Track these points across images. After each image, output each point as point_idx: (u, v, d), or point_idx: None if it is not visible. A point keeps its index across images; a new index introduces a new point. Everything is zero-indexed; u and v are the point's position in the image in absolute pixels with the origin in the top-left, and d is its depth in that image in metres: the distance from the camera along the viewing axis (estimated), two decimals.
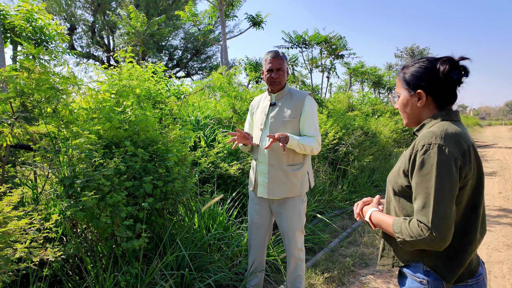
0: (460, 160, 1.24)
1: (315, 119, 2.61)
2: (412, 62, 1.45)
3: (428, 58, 1.42)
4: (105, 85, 3.58)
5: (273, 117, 2.62)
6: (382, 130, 9.13)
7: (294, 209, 2.63)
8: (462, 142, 1.26)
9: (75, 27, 22.77)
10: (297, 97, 2.61)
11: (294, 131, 2.58)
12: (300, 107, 2.58)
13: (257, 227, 2.80)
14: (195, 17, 11.80)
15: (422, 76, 1.39)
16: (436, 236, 1.20)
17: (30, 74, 2.74)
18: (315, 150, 2.56)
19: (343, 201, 5.84)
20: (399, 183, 1.38)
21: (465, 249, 1.29)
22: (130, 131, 2.85)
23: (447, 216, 1.21)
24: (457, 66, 1.35)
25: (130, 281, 2.47)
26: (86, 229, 2.77)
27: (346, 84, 19.44)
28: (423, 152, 1.27)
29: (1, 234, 1.75)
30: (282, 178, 2.59)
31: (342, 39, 13.39)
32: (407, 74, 1.44)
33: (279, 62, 2.57)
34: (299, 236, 2.69)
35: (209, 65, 26.30)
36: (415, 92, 1.41)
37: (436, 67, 1.37)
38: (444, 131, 1.28)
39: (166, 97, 4.83)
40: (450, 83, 1.36)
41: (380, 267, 1.51)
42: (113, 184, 2.42)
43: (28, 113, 2.78)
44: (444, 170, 1.22)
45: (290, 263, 2.72)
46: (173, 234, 3.05)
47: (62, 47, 5.22)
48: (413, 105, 1.44)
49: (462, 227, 1.30)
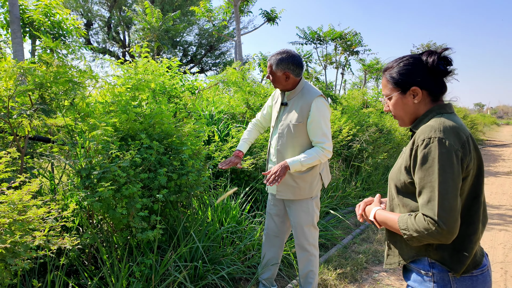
0: (460, 152, 1.24)
1: (324, 123, 2.47)
2: (395, 61, 1.45)
3: (410, 55, 1.43)
4: (121, 80, 3.62)
5: (283, 120, 2.59)
6: (397, 127, 9.02)
7: (302, 206, 2.62)
8: (461, 134, 1.27)
9: (91, 22, 23.05)
10: (306, 99, 2.50)
11: (302, 135, 2.52)
12: (307, 111, 2.48)
13: (271, 217, 2.82)
14: (210, 12, 11.82)
15: (413, 72, 1.39)
16: (443, 229, 1.19)
17: (48, 67, 2.79)
18: (323, 159, 2.48)
19: (356, 198, 5.80)
20: (401, 180, 1.38)
21: (470, 239, 1.30)
22: (146, 124, 2.88)
23: (453, 208, 1.21)
24: (442, 58, 1.37)
25: (144, 271, 2.51)
26: (102, 220, 2.82)
27: (361, 81, 19.25)
28: (424, 147, 1.27)
29: (20, 221, 1.79)
30: (289, 181, 2.57)
31: (357, 35, 13.26)
32: (394, 74, 1.43)
33: (269, 66, 2.54)
34: (310, 231, 2.66)
35: (223, 61, 26.33)
36: (409, 90, 1.40)
37: (423, 62, 1.38)
38: (442, 124, 1.28)
39: (181, 91, 4.86)
40: (441, 74, 1.38)
41: (387, 266, 1.51)
42: (129, 176, 2.45)
43: (46, 105, 2.83)
44: (446, 162, 1.22)
45: (300, 258, 2.72)
46: (187, 227, 3.08)
47: (79, 41, 5.30)
48: (408, 104, 1.43)
49: (465, 217, 1.30)
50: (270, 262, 2.89)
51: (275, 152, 2.61)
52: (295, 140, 2.53)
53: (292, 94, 2.58)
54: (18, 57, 4.72)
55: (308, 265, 2.70)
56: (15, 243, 1.73)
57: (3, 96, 2.66)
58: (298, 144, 2.53)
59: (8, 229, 1.75)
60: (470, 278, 1.31)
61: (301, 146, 2.54)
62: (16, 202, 1.82)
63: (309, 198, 2.62)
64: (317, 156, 2.45)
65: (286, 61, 2.47)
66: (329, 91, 11.95)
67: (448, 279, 1.32)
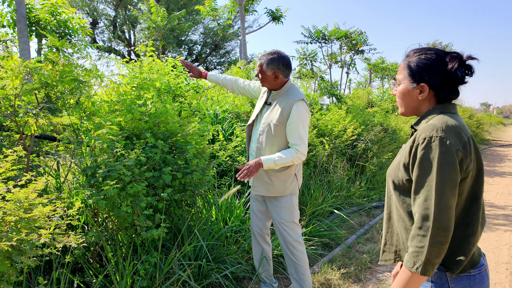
0: (461, 152, 1.23)
1: (301, 127, 2.53)
2: (418, 51, 1.40)
3: (436, 50, 1.38)
4: (127, 79, 3.64)
5: (264, 118, 2.63)
6: (402, 127, 8.98)
7: (281, 203, 2.65)
8: (462, 134, 1.26)
9: (97, 21, 23.14)
10: (288, 101, 2.55)
11: (281, 135, 2.56)
12: (287, 112, 2.52)
13: (254, 214, 2.84)
14: (215, 11, 11.83)
15: (429, 69, 1.35)
16: (439, 228, 1.20)
17: (54, 66, 2.81)
18: (296, 161, 2.54)
19: (361, 197, 5.79)
20: (399, 177, 1.37)
21: (468, 241, 1.29)
22: (151, 123, 2.89)
23: (449, 207, 1.21)
24: (464, 64, 1.33)
25: (149, 269, 2.52)
26: (107, 218, 2.83)
27: (366, 80, 19.19)
28: (424, 145, 1.26)
29: (26, 219, 1.81)
30: (264, 178, 2.63)
31: (362, 34, 13.22)
32: (412, 63, 1.39)
33: (258, 65, 2.59)
34: (291, 226, 2.67)
35: (227, 60, 26.34)
36: (418, 85, 1.38)
37: (444, 62, 1.34)
38: (444, 124, 1.27)
39: (186, 90, 4.87)
40: (455, 80, 1.34)
41: (382, 262, 1.51)
42: (134, 175, 2.46)
43: (52, 104, 2.85)
44: (445, 162, 1.22)
45: (286, 254, 2.73)
46: (191, 226, 3.09)
47: (85, 40, 5.32)
48: (413, 97, 1.41)
49: (464, 218, 1.30)
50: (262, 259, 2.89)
51: (255, 148, 2.67)
52: (274, 139, 2.57)
53: (277, 95, 2.63)
54: (25, 56, 4.76)
55: (296, 260, 2.70)
56: (21, 241, 1.74)
57: (9, 95, 2.68)
58: (276, 143, 2.58)
59: (14, 227, 1.77)
60: (467, 277, 1.32)
61: (278, 145, 2.58)
62: (22, 200, 1.84)
63: (288, 195, 2.65)
64: (291, 157, 2.51)
65: (276, 62, 2.53)
66: (334, 90, 11.92)
67: (446, 278, 1.32)
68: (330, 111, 7.11)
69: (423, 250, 1.22)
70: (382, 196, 6.37)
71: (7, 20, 5.39)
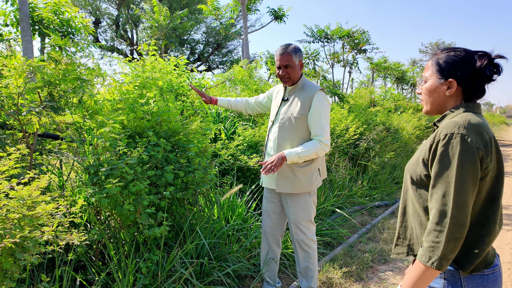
0: (482, 151, 1.23)
1: (323, 117, 2.51)
2: (446, 50, 1.41)
3: (465, 49, 1.39)
4: (129, 77, 3.65)
5: (283, 113, 2.62)
6: (405, 127, 8.97)
7: (300, 202, 2.63)
8: (484, 133, 1.26)
9: (99, 20, 23.18)
10: (307, 93, 2.55)
11: (302, 127, 2.55)
12: (308, 103, 2.52)
13: (268, 215, 2.83)
14: (217, 11, 11.82)
15: (458, 65, 1.36)
16: (456, 224, 1.21)
17: (57, 65, 2.82)
18: (321, 152, 2.51)
19: (363, 197, 5.79)
20: (418, 172, 1.38)
21: (483, 240, 1.29)
22: (153, 122, 2.90)
23: (467, 204, 1.22)
24: (492, 63, 1.34)
25: (151, 267, 2.53)
26: (110, 216, 2.84)
27: (368, 80, 19.15)
28: (445, 142, 1.26)
29: (29, 217, 1.82)
30: (289, 174, 2.59)
31: (365, 33, 13.17)
32: (441, 59, 1.40)
33: (286, 59, 2.53)
34: (308, 226, 2.68)
35: (230, 59, 26.33)
36: (446, 80, 1.38)
37: (473, 60, 1.35)
38: (467, 121, 1.27)
39: (188, 89, 4.88)
40: (483, 78, 1.34)
41: (395, 256, 1.52)
42: (136, 173, 2.47)
43: (55, 102, 2.86)
44: (465, 159, 1.22)
45: (299, 253, 2.73)
46: (193, 224, 3.10)
47: (87, 39, 5.34)
48: (440, 93, 1.41)
49: (481, 218, 1.30)
50: (270, 259, 2.90)
51: (274, 145, 2.64)
52: (295, 133, 2.55)
53: (293, 89, 2.63)
54: (28, 55, 4.77)
55: (308, 259, 2.71)
56: (24, 238, 1.75)
57: (13, 93, 2.70)
58: (297, 136, 2.56)
59: (18, 224, 1.78)
60: (480, 276, 1.32)
61: (300, 139, 2.56)
62: (26, 198, 1.85)
63: (307, 193, 2.63)
64: (314, 149, 2.47)
65: (299, 51, 2.57)
66: (336, 89, 11.91)
67: (459, 276, 1.32)
68: (332, 110, 7.10)
69: (440, 245, 1.23)
70: (384, 195, 6.36)
71: (10, 19, 5.40)
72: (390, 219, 5.11)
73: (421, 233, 1.39)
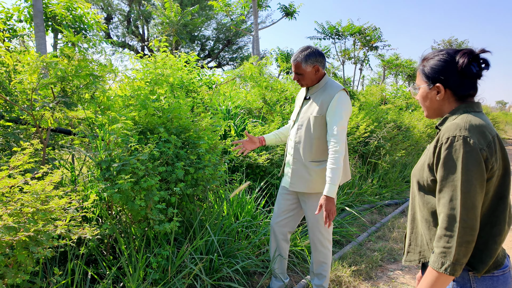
0: (485, 151, 1.22)
1: (339, 116, 2.43)
2: (432, 54, 1.43)
3: (447, 50, 1.39)
4: (140, 74, 3.67)
5: (304, 112, 2.62)
6: (416, 125, 8.88)
7: (317, 203, 2.60)
8: (486, 133, 1.25)
9: (111, 16, 23.34)
10: (329, 93, 2.52)
11: (321, 127, 2.53)
12: (328, 103, 2.50)
13: (280, 211, 2.80)
14: (228, 7, 11.83)
15: (441, 69, 1.37)
16: (466, 227, 1.20)
17: (70, 61, 2.85)
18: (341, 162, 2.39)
19: (372, 195, 5.76)
20: (424, 177, 1.37)
21: (494, 240, 1.28)
22: (164, 118, 2.92)
23: (475, 206, 1.21)
24: (477, 59, 1.33)
25: (161, 262, 2.55)
26: (121, 211, 2.88)
27: (380, 77, 18.99)
28: (448, 145, 1.25)
29: (43, 211, 1.85)
30: (304, 173, 2.58)
31: (376, 30, 13.07)
32: (426, 67, 1.42)
33: (296, 66, 2.53)
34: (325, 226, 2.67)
35: (240, 55, 26.31)
36: (433, 86, 1.40)
37: (455, 60, 1.35)
38: (468, 123, 1.26)
39: (198, 86, 4.89)
40: (470, 76, 1.34)
41: (407, 263, 1.50)
42: (147, 169, 2.49)
43: (68, 98, 2.89)
44: (470, 161, 1.21)
45: (315, 252, 2.72)
46: (203, 220, 3.12)
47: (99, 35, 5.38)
48: (432, 99, 1.42)
49: (491, 218, 1.28)
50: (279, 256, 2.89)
51: (293, 144, 2.63)
52: (312, 132, 2.54)
53: (315, 88, 2.60)
54: (41, 51, 4.84)
55: (323, 258, 2.72)
56: (38, 232, 1.78)
57: (26, 89, 2.73)
58: (315, 136, 2.54)
59: (32, 218, 1.81)
60: (490, 278, 1.30)
61: (317, 138, 2.54)
62: (39, 192, 1.88)
63: None
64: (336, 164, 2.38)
65: (313, 55, 2.51)
66: (347, 86, 11.84)
67: (468, 278, 1.31)
68: None
69: (451, 250, 1.22)
70: (394, 194, 6.32)
71: (24, 15, 5.47)
72: (400, 218, 5.07)
73: (431, 239, 1.38)
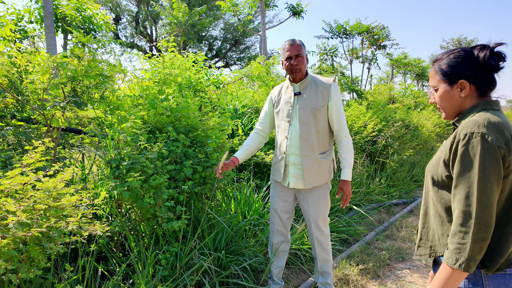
0: (503, 149, 1.22)
1: (340, 105, 2.58)
2: (445, 53, 1.42)
3: (462, 48, 1.40)
4: (149, 74, 3.71)
5: (301, 107, 2.56)
6: (425, 124, 8.83)
7: (320, 196, 2.64)
8: (505, 131, 1.24)
9: (120, 17, 23.53)
10: (322, 84, 2.55)
11: (323, 119, 2.55)
12: (327, 95, 2.53)
13: (277, 215, 2.79)
14: (235, 7, 11.86)
15: (463, 65, 1.36)
16: (481, 224, 1.20)
17: (80, 61, 2.89)
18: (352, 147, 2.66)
19: (380, 194, 5.74)
20: (438, 173, 1.37)
21: (507, 238, 1.27)
22: (172, 118, 2.95)
23: (491, 204, 1.20)
24: (494, 52, 1.34)
25: (170, 259, 2.59)
26: (130, 209, 2.92)
27: (388, 76, 18.88)
28: (465, 142, 1.25)
29: (55, 208, 1.89)
30: (315, 167, 2.59)
31: (385, 29, 12.99)
32: (443, 66, 1.41)
33: (297, 49, 2.51)
34: (325, 222, 2.70)
35: (247, 55, 26.35)
36: (456, 83, 1.38)
37: (474, 55, 1.35)
38: (486, 120, 1.26)
39: (206, 86, 4.93)
40: (491, 69, 1.34)
41: (417, 257, 1.51)
42: (156, 167, 2.53)
43: (78, 98, 2.94)
44: (487, 158, 1.20)
45: (317, 250, 2.73)
46: (211, 218, 3.15)
47: (109, 36, 5.45)
48: (454, 97, 1.41)
49: (504, 216, 1.28)
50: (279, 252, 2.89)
51: (299, 143, 2.57)
52: (318, 125, 2.55)
53: (304, 83, 2.59)
54: (51, 51, 4.91)
55: (326, 255, 2.73)
56: (50, 228, 1.82)
57: (37, 89, 2.79)
58: (321, 129, 2.56)
59: (44, 215, 1.85)
60: (503, 276, 1.30)
61: (323, 131, 2.57)
62: (51, 190, 1.92)
63: (326, 187, 2.66)
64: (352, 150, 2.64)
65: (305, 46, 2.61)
66: (355, 86, 11.80)
67: (480, 275, 1.31)
68: (350, 107, 7.05)
69: (466, 246, 1.22)
70: (403, 193, 6.30)
71: (34, 16, 5.55)
72: (408, 217, 5.06)
73: (443, 234, 1.38)
